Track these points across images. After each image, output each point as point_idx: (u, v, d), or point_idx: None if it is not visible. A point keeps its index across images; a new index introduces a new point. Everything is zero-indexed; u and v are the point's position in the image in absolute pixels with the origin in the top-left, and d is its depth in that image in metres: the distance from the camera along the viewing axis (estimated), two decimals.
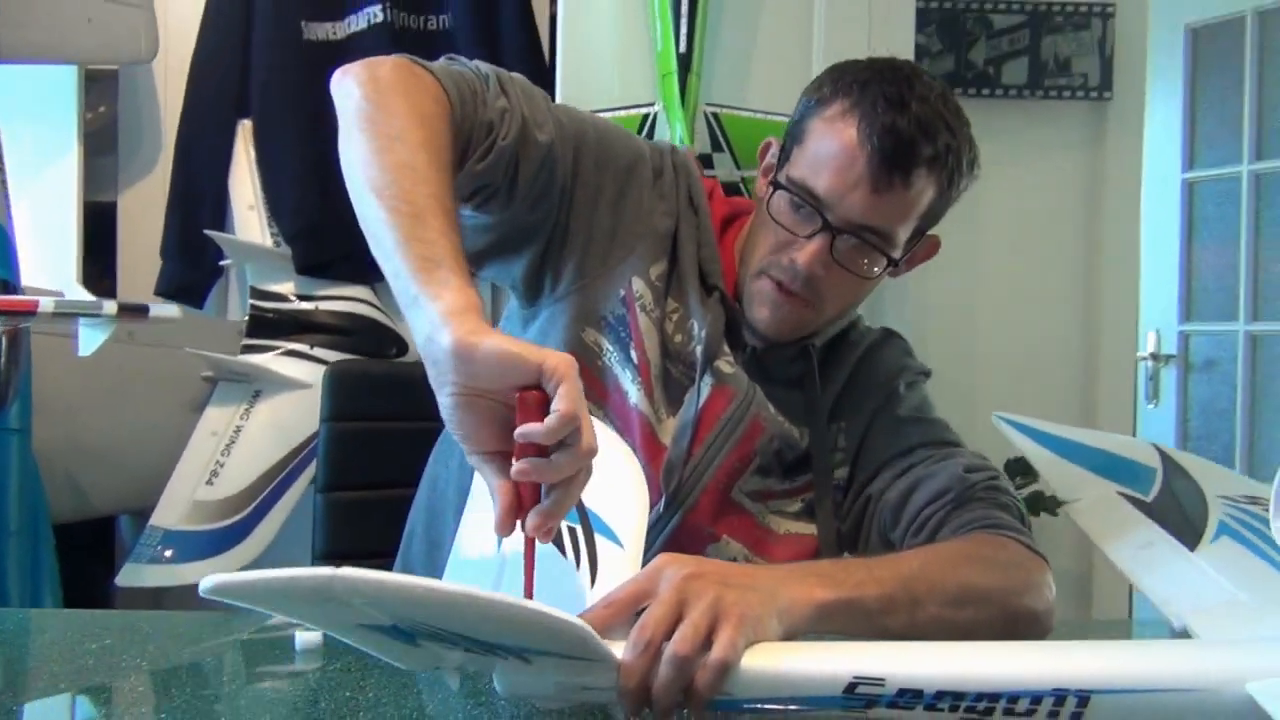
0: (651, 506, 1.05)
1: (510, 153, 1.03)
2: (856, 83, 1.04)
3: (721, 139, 1.81)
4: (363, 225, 0.90)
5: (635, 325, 1.10)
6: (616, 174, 1.12)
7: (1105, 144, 2.55)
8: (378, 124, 0.93)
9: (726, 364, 1.10)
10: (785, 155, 1.10)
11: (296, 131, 2.01)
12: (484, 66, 1.06)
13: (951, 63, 2.51)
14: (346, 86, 0.98)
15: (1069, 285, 2.59)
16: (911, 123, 1.01)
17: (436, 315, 0.77)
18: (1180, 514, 1.04)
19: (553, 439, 0.73)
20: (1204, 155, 3.46)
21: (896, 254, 1.07)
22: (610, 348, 1.11)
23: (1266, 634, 0.78)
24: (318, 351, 1.97)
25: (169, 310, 1.82)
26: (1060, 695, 0.70)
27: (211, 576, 0.60)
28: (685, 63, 1.81)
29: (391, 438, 1.48)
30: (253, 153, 2.06)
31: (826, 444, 1.12)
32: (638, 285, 1.11)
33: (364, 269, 2.04)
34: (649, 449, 1.07)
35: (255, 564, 1.95)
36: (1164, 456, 1.19)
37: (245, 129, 2.07)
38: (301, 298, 2.03)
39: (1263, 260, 3.33)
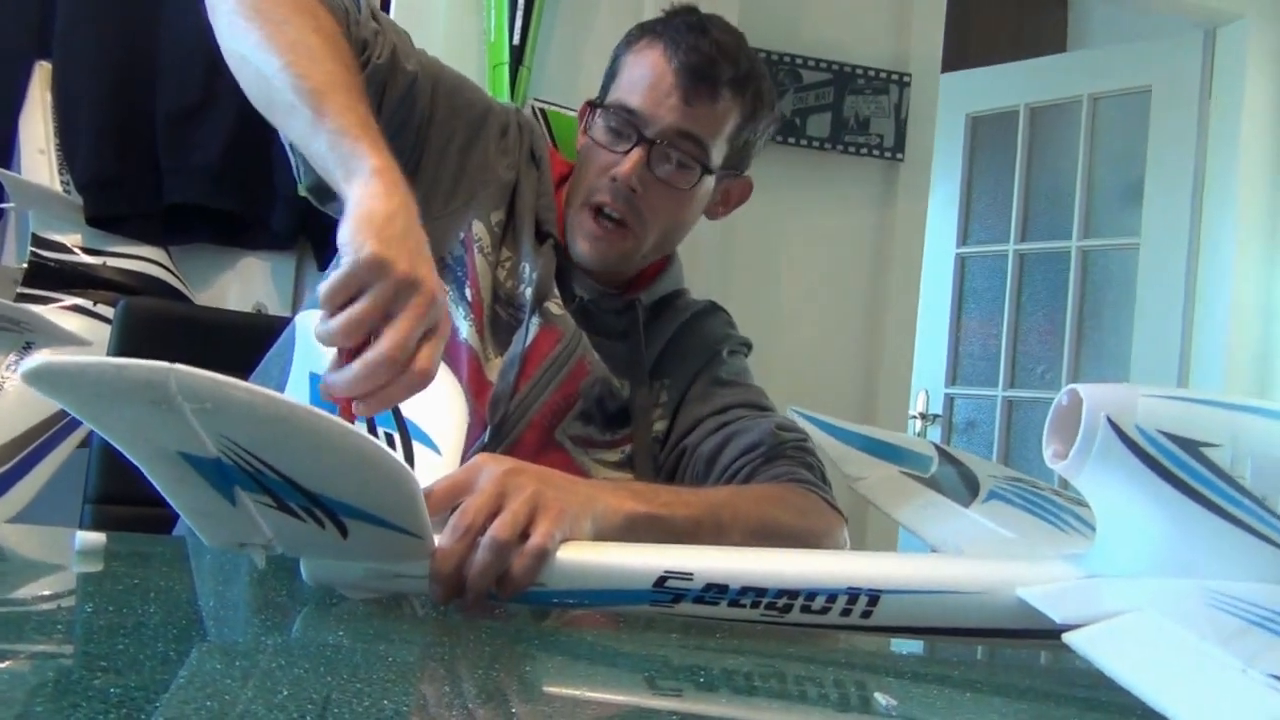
0: (475, 440, 1.06)
1: (382, 74, 1.06)
2: (659, 22, 1.16)
3: (549, 133, 1.84)
4: (266, 113, 0.91)
5: (472, 265, 1.12)
6: (469, 122, 1.15)
7: (895, 203, 2.73)
8: (263, 11, 0.93)
9: (555, 305, 1.12)
10: (602, 96, 1.17)
11: (101, 79, 1.90)
12: None
13: (781, 112, 2.64)
14: None
15: (853, 336, 2.73)
16: (712, 45, 1.11)
17: (348, 189, 0.80)
18: (954, 486, 1.13)
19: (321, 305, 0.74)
20: (976, 233, 3.78)
21: (711, 166, 1.13)
22: (447, 287, 1.11)
23: (1032, 555, 0.85)
24: (101, 309, 1.85)
25: None
26: (854, 594, 0.75)
27: (35, 359, 0.56)
28: (517, 55, 1.84)
29: None
30: (49, 96, 1.94)
31: (648, 398, 1.15)
32: (477, 228, 1.13)
33: (159, 229, 1.94)
34: (476, 383, 1.08)
35: (19, 519, 1.79)
36: (939, 449, 1.29)
37: (43, 70, 1.95)
38: (88, 251, 1.91)
39: (1021, 333, 3.65)
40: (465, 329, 1.10)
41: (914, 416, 3.57)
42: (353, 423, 0.75)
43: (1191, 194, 3.20)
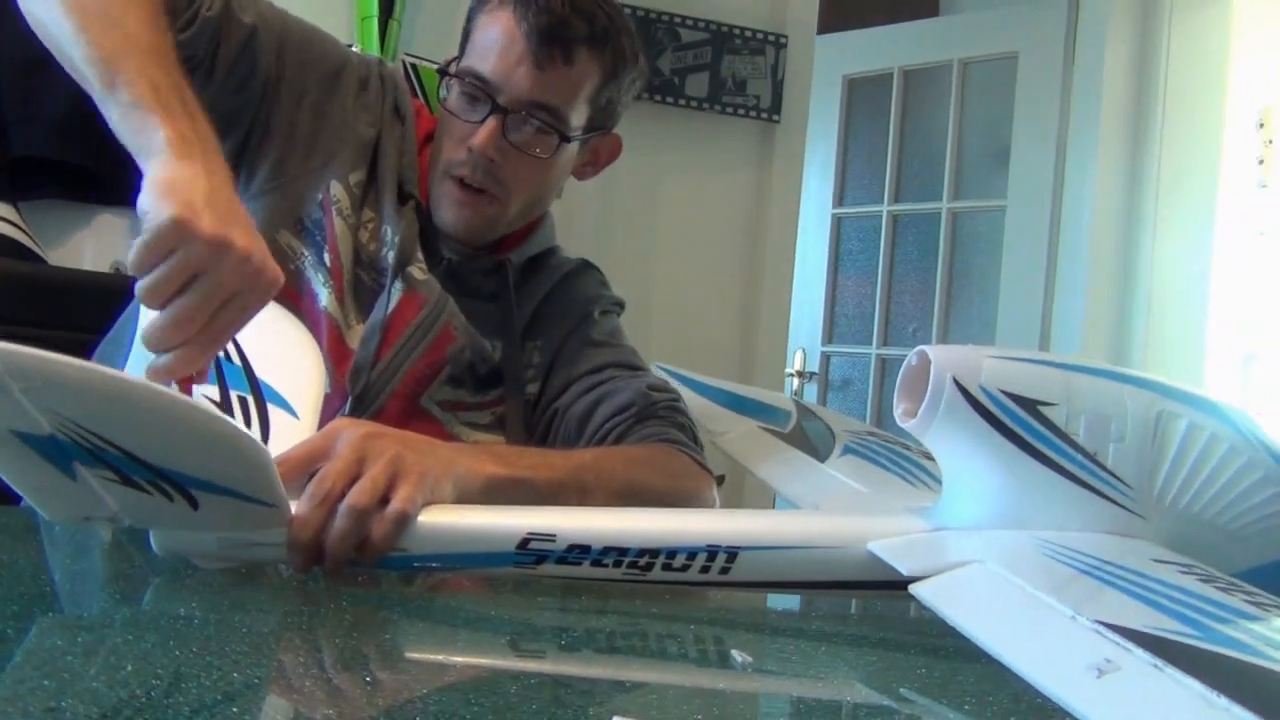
0: (337, 410, 1.04)
1: (213, 26, 1.01)
2: None
3: (418, 90, 1.81)
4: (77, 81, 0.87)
5: (331, 229, 1.08)
6: (321, 78, 1.11)
7: (773, 164, 2.76)
8: None
9: (419, 270, 1.10)
10: (459, 57, 1.13)
11: None
12: None
13: (648, 65, 2.64)
14: None
15: (730, 295, 2.77)
16: (563, 3, 1.06)
17: (146, 163, 0.77)
18: (811, 442, 1.16)
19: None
20: (852, 194, 3.85)
21: (570, 133, 1.10)
22: (305, 252, 1.08)
23: (882, 510, 0.89)
24: None
25: None
26: (713, 551, 0.77)
27: None
28: (387, 7, 1.79)
29: (34, 345, 1.34)
30: None
31: (519, 359, 1.15)
32: (336, 190, 1.09)
33: (5, 184, 1.84)
34: (336, 352, 1.06)
35: None
36: (798, 404, 1.33)
37: None
38: None
39: (894, 292, 3.75)
40: (324, 296, 1.07)
41: (791, 374, 3.64)
42: (190, 394, 0.73)
43: (1055, 157, 3.31)
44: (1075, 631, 0.61)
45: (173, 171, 0.76)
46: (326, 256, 1.08)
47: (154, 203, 0.73)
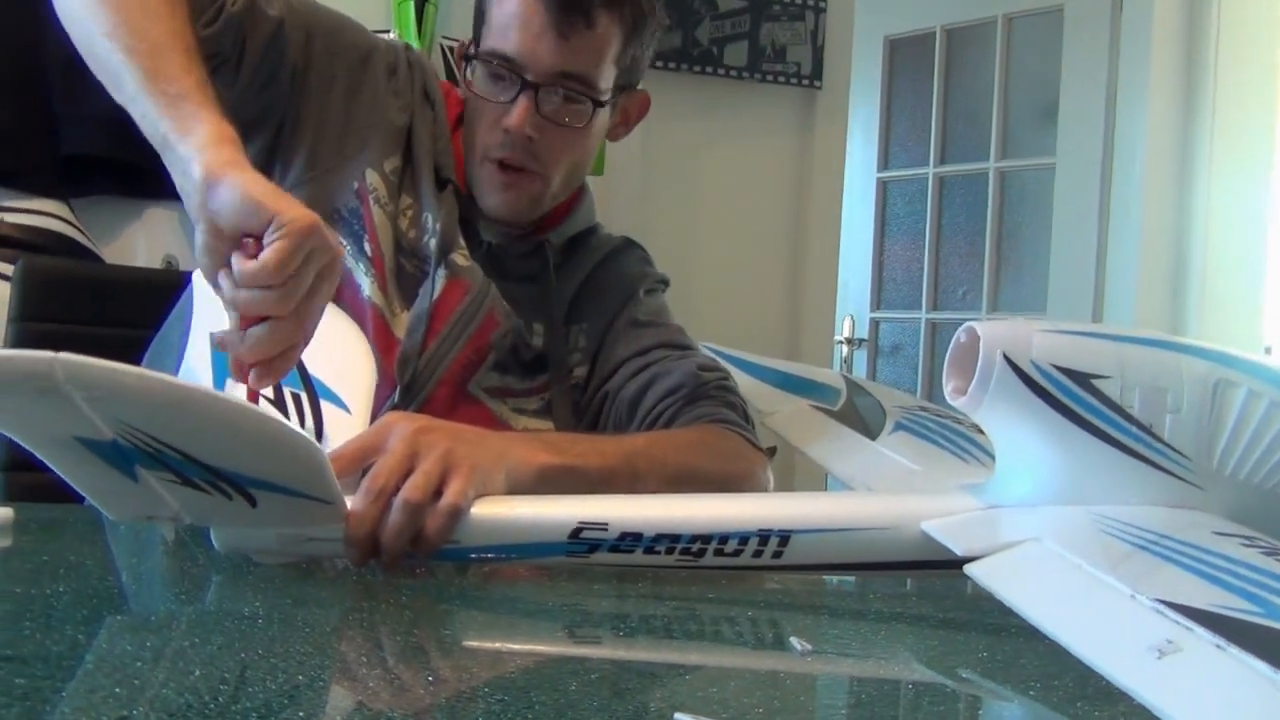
0: (386, 399, 1.04)
1: (238, 21, 1.01)
2: None
3: (458, 72, 1.81)
4: (101, 75, 0.88)
5: (369, 218, 1.09)
6: (350, 65, 1.11)
7: (815, 131, 2.74)
8: None
9: (462, 257, 1.10)
10: (475, 40, 1.12)
11: None
12: None
13: (679, 39, 2.62)
14: None
15: (776, 265, 2.76)
16: None
17: (188, 151, 0.77)
18: (861, 419, 1.15)
19: (246, 281, 0.74)
20: (896, 157, 3.80)
21: (602, 97, 1.10)
22: (344, 242, 1.09)
23: (935, 488, 0.88)
24: (1, 267, 1.80)
25: None
26: (765, 535, 0.77)
27: None
28: None
29: (91, 344, 1.36)
30: None
31: (563, 341, 1.15)
32: (371, 178, 1.10)
33: (58, 181, 1.88)
34: (382, 341, 1.06)
35: None
36: (848, 380, 1.31)
37: None
38: None
39: (943, 256, 3.70)
40: (367, 285, 1.07)
41: (840, 341, 3.62)
42: (256, 401, 0.75)
43: (1104, 112, 3.24)
44: (1135, 611, 0.60)
45: (247, 170, 0.77)
46: (367, 246, 1.08)
47: (273, 203, 0.74)
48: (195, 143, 0.78)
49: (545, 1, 1.04)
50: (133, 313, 1.34)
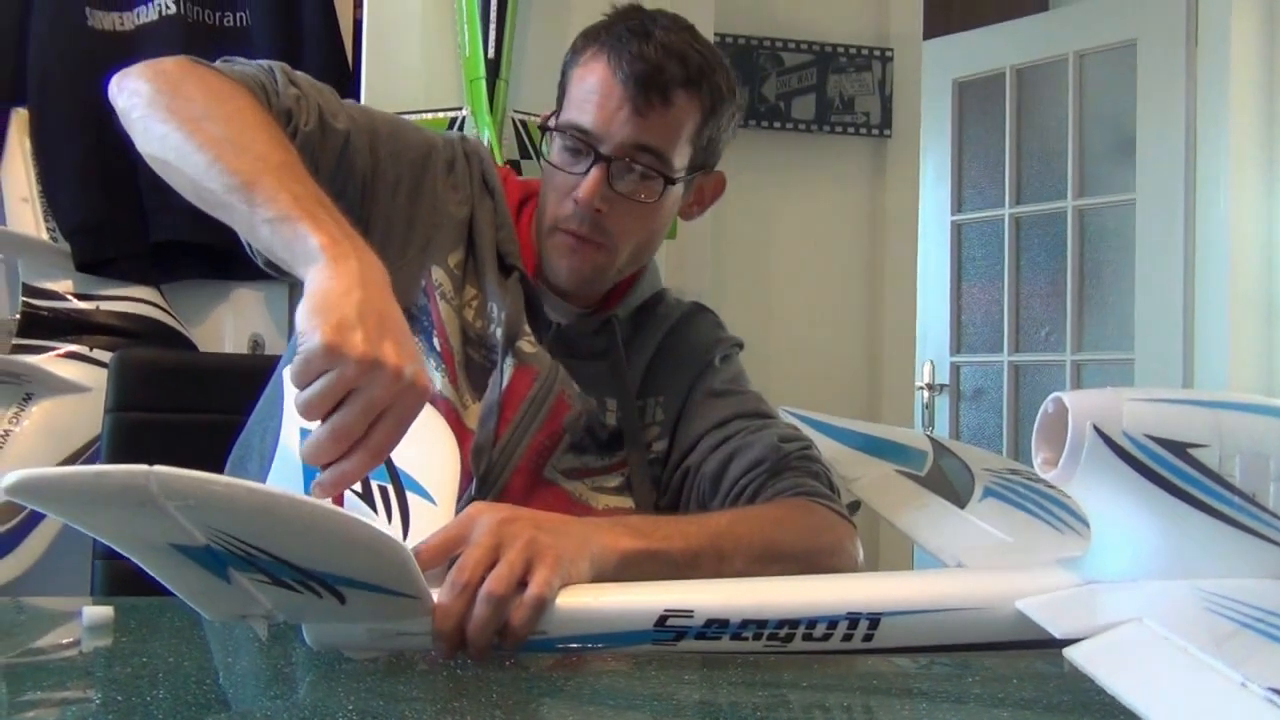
0: (463, 491, 1.04)
1: (313, 140, 1.03)
2: (602, 28, 1.10)
3: (529, 145, 1.84)
4: (210, 211, 0.90)
5: (437, 314, 1.09)
6: (411, 165, 1.13)
7: (886, 179, 2.71)
8: (178, 111, 0.93)
9: (528, 344, 1.10)
10: (556, 113, 1.13)
11: (79, 122, 1.90)
12: (263, 62, 1.07)
13: (745, 96, 2.63)
14: (130, 86, 0.98)
15: (853, 315, 2.72)
16: (656, 48, 1.06)
17: (312, 282, 0.79)
18: (949, 484, 1.13)
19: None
20: (970, 199, 3.76)
21: (674, 175, 1.10)
22: (418, 340, 1.10)
23: (1029, 563, 0.85)
24: (97, 354, 1.86)
25: None
26: (854, 619, 0.75)
27: (15, 473, 0.57)
28: (494, 68, 1.83)
29: (184, 431, 1.41)
30: (28, 143, 1.94)
31: (638, 415, 1.14)
32: (437, 274, 1.11)
33: (148, 268, 1.95)
34: (456, 434, 1.06)
35: (26, 576, 1.81)
36: (934, 442, 1.29)
37: (20, 118, 1.95)
38: (80, 296, 1.92)
39: (1022, 296, 3.64)
40: (439, 380, 1.08)
41: (921, 388, 3.57)
42: (340, 503, 0.76)
43: (1184, 144, 3.17)
44: (1246, 701, 0.58)
45: (327, 283, 0.78)
46: (436, 341, 1.09)
47: (308, 322, 0.75)
48: (306, 260, 0.81)
49: (624, 78, 1.05)
50: (223, 399, 1.37)
